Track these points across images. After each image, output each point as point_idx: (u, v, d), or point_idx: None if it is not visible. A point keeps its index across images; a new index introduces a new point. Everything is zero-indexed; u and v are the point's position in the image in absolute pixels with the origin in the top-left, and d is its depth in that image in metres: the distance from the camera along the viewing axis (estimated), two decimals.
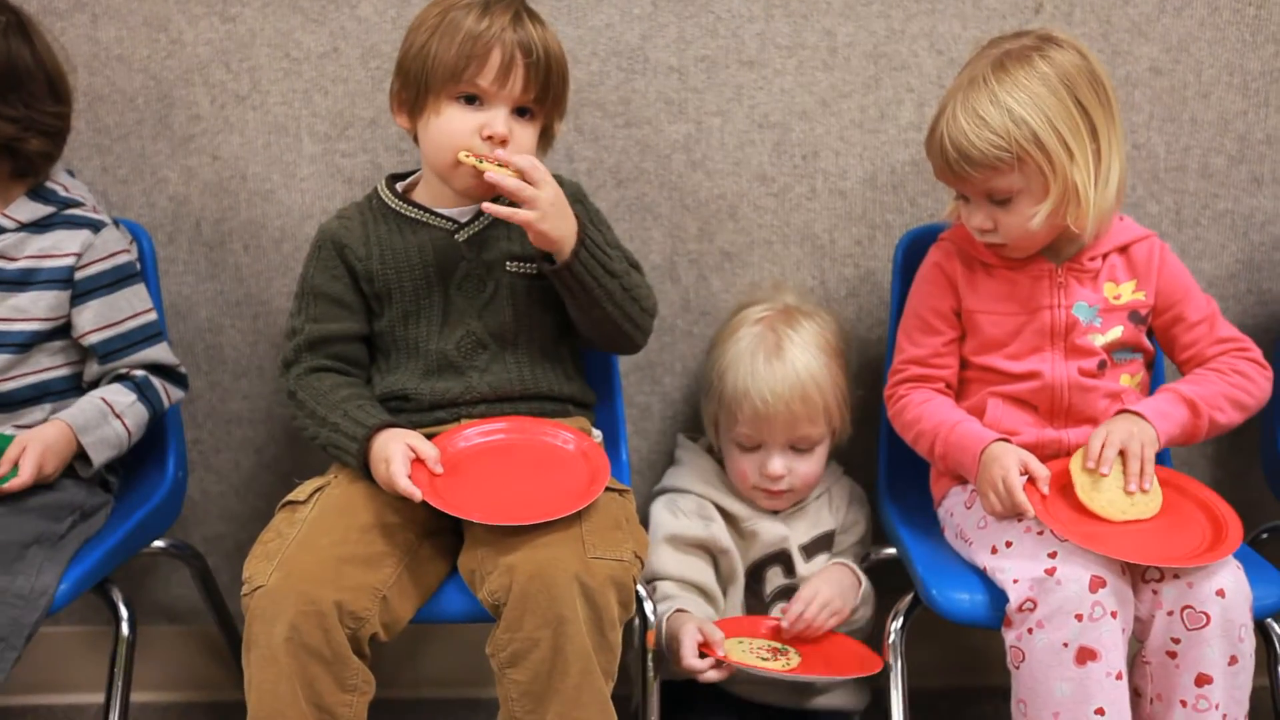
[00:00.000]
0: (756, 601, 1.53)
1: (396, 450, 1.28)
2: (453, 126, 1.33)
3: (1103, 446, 1.32)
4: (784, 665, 1.40)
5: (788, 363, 1.48)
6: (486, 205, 1.30)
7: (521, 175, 1.29)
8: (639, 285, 1.41)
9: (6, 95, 1.39)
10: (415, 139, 1.42)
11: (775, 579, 1.53)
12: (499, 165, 1.29)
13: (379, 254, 1.39)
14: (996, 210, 1.35)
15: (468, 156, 1.30)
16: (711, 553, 1.52)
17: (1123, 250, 1.42)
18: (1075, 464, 1.34)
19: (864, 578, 1.51)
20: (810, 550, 1.54)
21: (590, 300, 1.35)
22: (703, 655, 1.39)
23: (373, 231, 1.40)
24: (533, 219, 1.28)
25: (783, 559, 1.53)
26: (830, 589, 1.47)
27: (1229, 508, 1.34)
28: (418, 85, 1.34)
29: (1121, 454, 1.32)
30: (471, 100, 1.34)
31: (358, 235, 1.40)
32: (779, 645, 1.43)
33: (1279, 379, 1.53)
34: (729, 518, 1.53)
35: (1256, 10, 1.59)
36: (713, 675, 1.38)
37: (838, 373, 1.52)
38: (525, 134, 1.37)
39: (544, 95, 1.37)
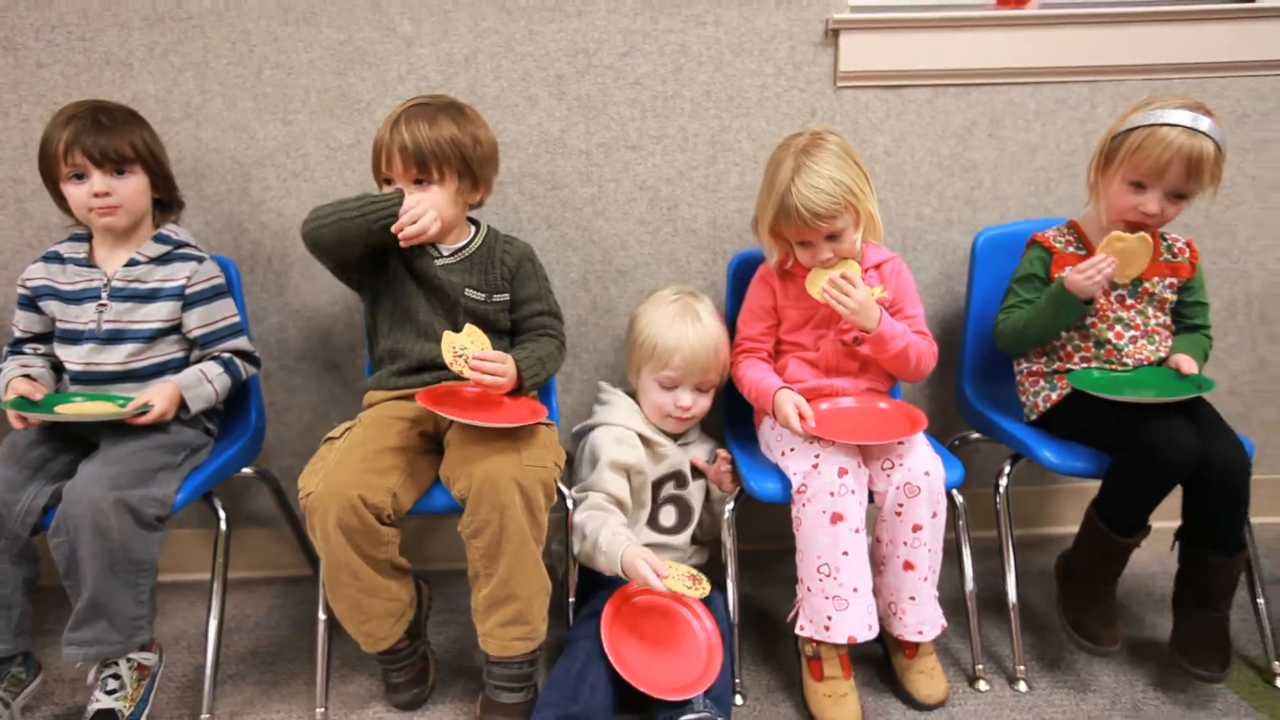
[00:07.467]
0: (653, 505, 1.52)
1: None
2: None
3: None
4: (699, 593, 1.35)
5: (704, 325, 1.50)
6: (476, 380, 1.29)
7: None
8: (556, 359, 1.43)
9: (165, 165, 1.49)
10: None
11: (668, 489, 1.54)
12: (472, 369, 1.29)
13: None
14: (832, 245, 1.41)
15: (455, 363, 1.27)
16: (629, 473, 1.50)
17: (878, 266, 1.49)
18: (815, 281, 1.40)
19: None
20: (695, 473, 1.56)
21: (532, 386, 1.41)
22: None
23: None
24: (504, 384, 1.34)
25: (678, 476, 1.55)
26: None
27: (916, 409, 1.42)
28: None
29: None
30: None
31: None
32: (694, 575, 1.40)
33: (964, 350, 1.62)
34: (648, 443, 1.52)
35: (945, 118, 1.67)
36: (657, 585, 1.33)
37: (726, 335, 1.56)
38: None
39: None
